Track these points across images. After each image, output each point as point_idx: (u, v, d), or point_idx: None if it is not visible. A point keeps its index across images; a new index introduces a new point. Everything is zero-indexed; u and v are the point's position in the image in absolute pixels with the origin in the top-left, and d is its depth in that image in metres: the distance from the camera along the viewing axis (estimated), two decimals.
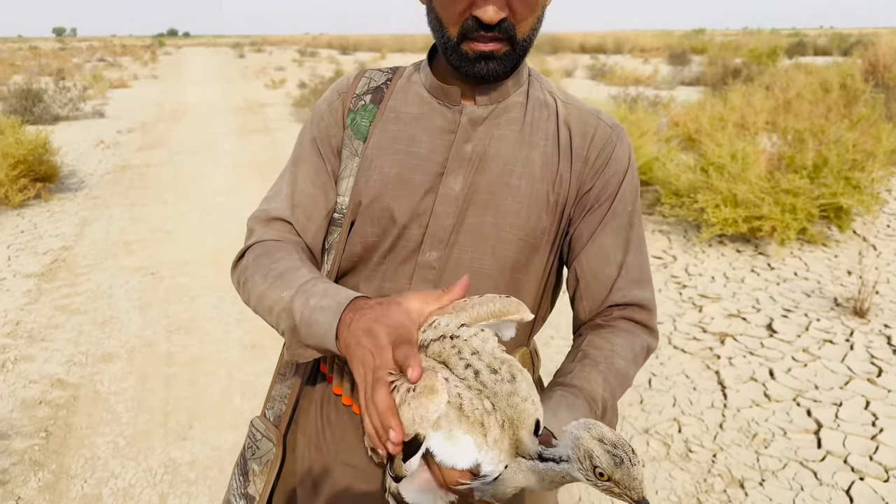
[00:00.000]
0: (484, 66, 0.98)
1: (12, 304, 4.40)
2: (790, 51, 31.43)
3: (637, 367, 1.05)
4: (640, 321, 1.07)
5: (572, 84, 20.60)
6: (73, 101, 13.72)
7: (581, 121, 1.09)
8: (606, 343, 1.03)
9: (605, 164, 1.07)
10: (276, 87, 20.30)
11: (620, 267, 1.07)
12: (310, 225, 1.10)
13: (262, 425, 1.16)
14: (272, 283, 0.99)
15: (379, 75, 1.15)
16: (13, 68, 27.85)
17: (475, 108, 1.06)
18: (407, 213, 1.04)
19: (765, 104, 8.43)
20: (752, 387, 3.38)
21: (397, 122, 1.08)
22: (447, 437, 0.78)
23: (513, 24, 0.96)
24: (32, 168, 6.98)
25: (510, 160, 1.05)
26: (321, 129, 1.13)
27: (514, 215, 1.03)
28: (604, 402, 0.96)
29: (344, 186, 1.09)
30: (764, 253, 5.27)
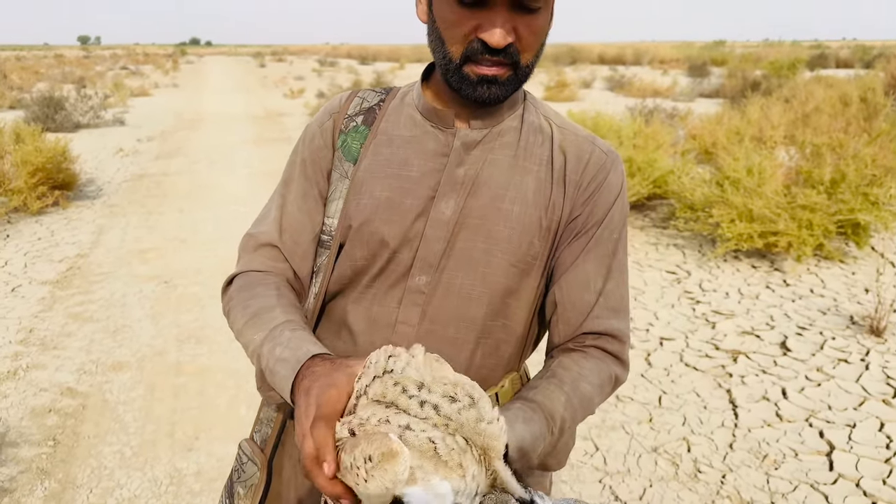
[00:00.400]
0: (486, 91, 0.97)
1: (27, 311, 4.45)
2: (811, 63, 31.21)
3: (602, 395, 1.04)
4: (611, 352, 1.05)
5: (590, 95, 20.58)
6: (94, 109, 13.90)
7: (576, 146, 1.08)
8: (575, 366, 1.01)
9: (596, 191, 1.06)
10: (295, 96, 20.46)
11: (599, 294, 1.05)
12: (297, 249, 1.10)
13: (249, 448, 1.16)
14: (248, 322, 1.01)
15: (372, 96, 1.14)
16: (37, 76, 28.32)
17: (469, 132, 1.05)
18: (397, 238, 1.03)
19: (783, 117, 8.36)
20: (763, 406, 3.33)
21: (389, 145, 1.07)
22: (425, 488, 0.75)
23: (518, 50, 0.95)
24: (51, 176, 7.08)
25: (503, 185, 1.04)
26: (312, 150, 1.12)
27: (505, 241, 1.02)
28: (562, 421, 0.95)
29: (333, 209, 1.08)
30: (780, 269, 5.21)
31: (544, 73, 29.28)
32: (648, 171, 6.17)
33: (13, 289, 4.84)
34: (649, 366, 3.74)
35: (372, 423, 0.77)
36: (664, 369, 3.69)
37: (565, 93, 19.64)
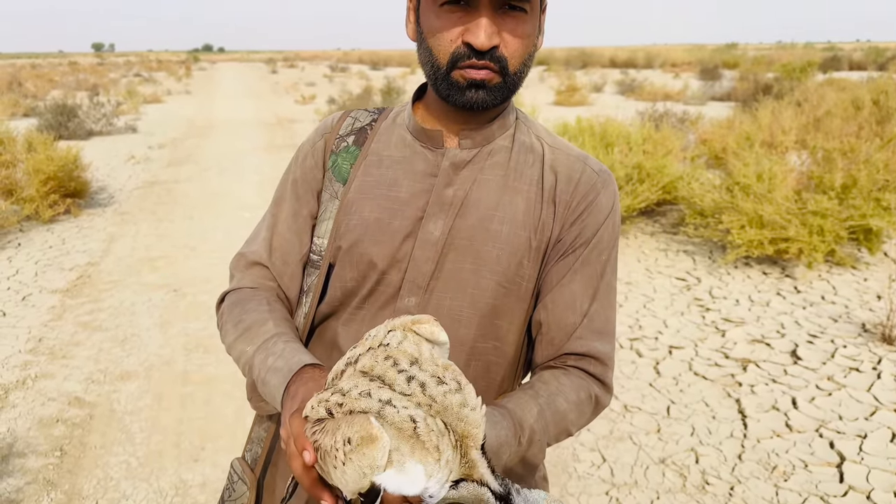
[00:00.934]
0: (474, 95, 0.97)
1: (36, 320, 4.47)
2: (824, 65, 31.00)
3: (580, 414, 1.02)
4: (593, 374, 1.04)
5: (601, 99, 20.53)
6: (107, 116, 14.01)
7: (567, 166, 1.07)
8: (554, 381, 1.01)
9: (585, 210, 1.05)
10: (307, 102, 20.53)
11: (584, 316, 1.04)
12: (286, 269, 1.11)
13: (240, 467, 1.16)
14: (240, 335, 1.03)
15: (364, 115, 1.15)
16: (51, 83, 28.58)
17: (458, 152, 1.05)
18: (386, 259, 1.03)
19: (794, 122, 8.30)
20: (773, 416, 3.29)
21: (379, 166, 1.08)
22: (399, 471, 0.75)
23: (504, 56, 0.96)
24: (63, 184, 7.13)
25: (492, 205, 1.03)
26: (303, 170, 1.13)
27: (493, 261, 1.02)
28: (531, 432, 0.94)
29: (323, 229, 1.09)
30: (791, 275, 5.16)
31: (555, 78, 29.24)
32: (658, 176, 6.14)
33: (24, 297, 4.87)
34: (658, 375, 3.71)
35: (353, 394, 0.76)
36: (673, 378, 3.66)
37: (576, 97, 19.60)
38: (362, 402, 0.75)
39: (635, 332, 4.25)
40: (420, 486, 0.74)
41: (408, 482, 0.74)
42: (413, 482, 0.74)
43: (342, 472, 0.76)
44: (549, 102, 19.32)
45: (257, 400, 1.03)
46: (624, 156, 6.19)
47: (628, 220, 6.21)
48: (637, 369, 3.77)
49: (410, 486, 0.74)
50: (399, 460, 0.74)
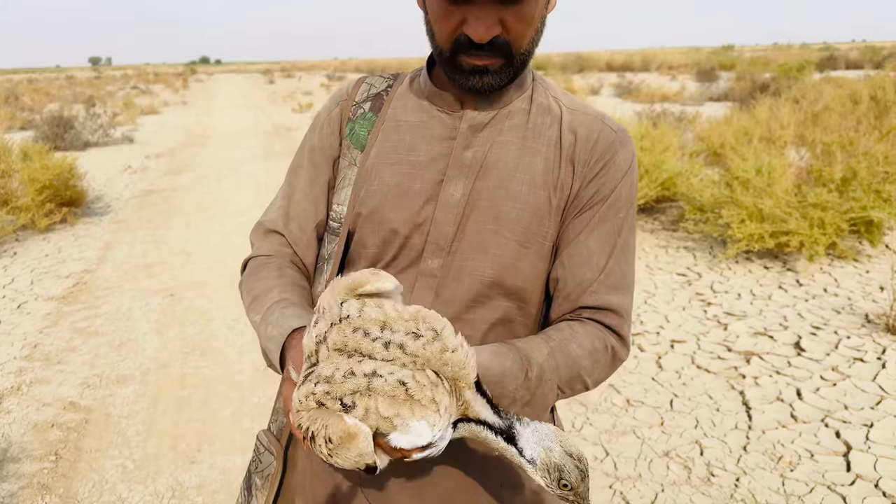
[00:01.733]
0: (479, 80, 0.97)
1: (32, 327, 4.43)
2: (821, 65, 31.05)
3: (595, 362, 1.00)
4: (608, 325, 1.02)
5: (598, 102, 20.52)
6: (104, 127, 14.00)
7: (586, 126, 1.06)
8: (568, 328, 1.01)
9: (604, 168, 1.04)
10: (304, 110, 20.55)
11: (601, 271, 1.03)
12: (302, 237, 1.12)
13: (266, 439, 1.16)
14: (251, 304, 1.06)
15: (380, 81, 1.14)
16: (48, 97, 28.61)
17: (476, 115, 1.04)
18: (408, 224, 1.03)
19: (792, 117, 8.27)
20: (778, 407, 3.24)
21: (397, 132, 1.07)
22: (405, 432, 0.77)
23: (507, 41, 0.94)
24: (59, 193, 7.10)
25: (511, 166, 1.03)
26: (320, 138, 1.13)
27: (514, 221, 1.01)
28: (541, 370, 0.94)
29: (342, 196, 1.09)
30: (792, 269, 5.12)
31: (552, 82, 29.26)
32: (656, 173, 6.10)
33: (19, 305, 4.83)
34: (660, 369, 3.66)
35: (337, 378, 0.77)
36: (675, 372, 3.62)
37: None
38: (349, 384, 0.77)
39: (636, 328, 4.20)
40: (427, 437, 0.78)
41: (417, 437, 0.78)
42: (421, 435, 0.78)
43: (335, 462, 0.79)
44: None
45: (270, 364, 1.03)
46: None
47: None
48: (639, 364, 3.72)
49: (420, 439, 0.78)
50: (402, 424, 0.77)
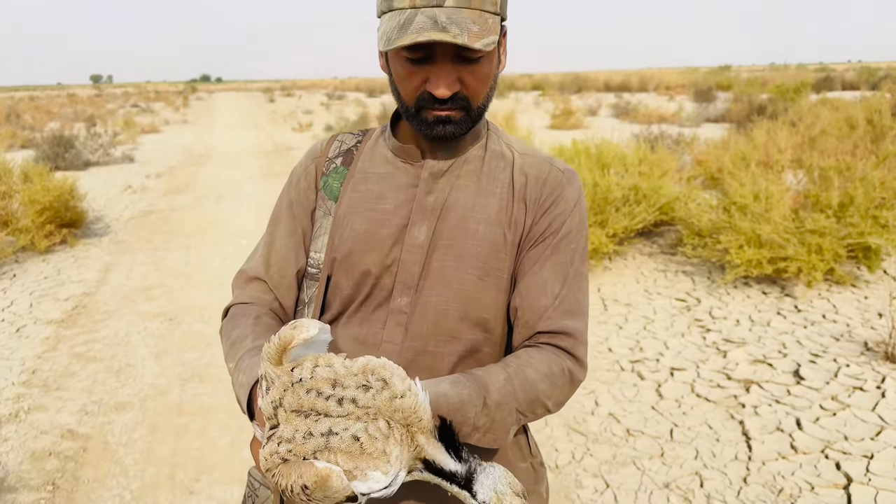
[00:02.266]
0: (442, 129, 1.08)
1: (30, 351, 4.42)
2: (817, 86, 31.23)
3: (552, 385, 1.07)
4: (563, 347, 1.10)
5: (596, 122, 20.63)
6: (104, 146, 14.05)
7: (536, 168, 1.17)
8: (525, 355, 1.08)
9: (553, 204, 1.15)
10: (304, 130, 20.62)
11: (555, 299, 1.11)
12: (282, 282, 1.21)
13: (259, 474, 1.23)
14: (228, 351, 1.14)
15: (350, 138, 1.26)
16: (50, 115, 28.72)
17: (436, 163, 1.16)
18: (378, 266, 1.13)
19: (789, 141, 8.31)
20: (778, 438, 3.24)
21: (365, 182, 1.18)
22: (363, 480, 0.86)
23: (466, 96, 1.06)
24: (59, 214, 7.11)
25: (468, 207, 1.13)
26: (297, 191, 1.24)
27: (473, 257, 1.11)
28: (499, 395, 1.01)
29: (319, 244, 1.19)
30: (790, 295, 5.13)
31: (550, 102, 29.41)
32: (654, 197, 6.13)
33: (18, 329, 4.83)
34: (660, 397, 3.66)
35: (298, 440, 0.86)
36: (675, 401, 3.61)
37: (571, 120, 19.70)
38: (309, 445, 0.85)
39: (636, 355, 4.20)
40: (383, 483, 0.86)
41: (374, 483, 0.86)
42: (378, 482, 0.86)
43: None
44: (545, 126, 19.42)
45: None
46: (620, 177, 6.19)
47: (626, 242, 6.19)
48: (639, 392, 3.72)
49: (377, 485, 0.86)
50: (360, 473, 0.85)
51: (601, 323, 4.74)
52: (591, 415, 3.49)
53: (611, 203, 5.86)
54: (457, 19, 0.98)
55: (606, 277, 5.71)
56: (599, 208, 5.85)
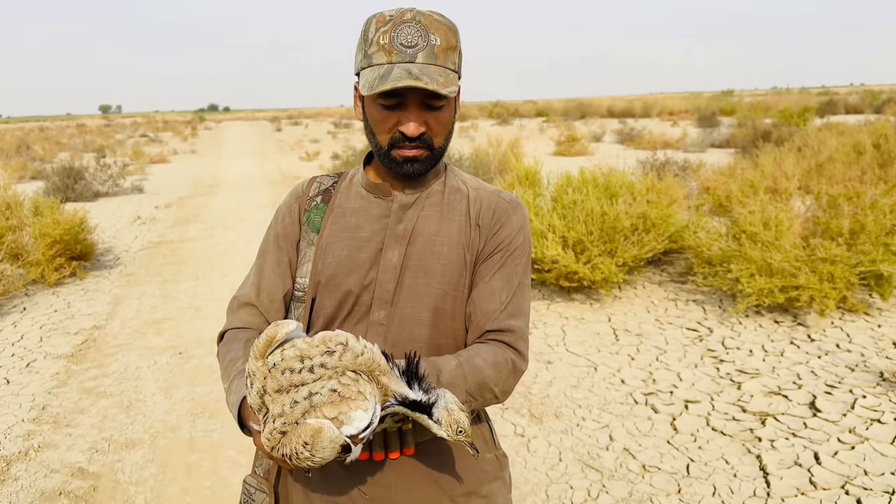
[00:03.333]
0: (410, 167, 1.29)
1: (40, 387, 4.41)
2: (821, 110, 31.32)
3: (497, 373, 1.27)
4: (506, 342, 1.31)
5: (601, 149, 20.71)
6: (113, 177, 14.15)
7: (487, 199, 1.39)
8: (474, 348, 1.30)
9: (500, 228, 1.36)
10: (311, 159, 20.76)
11: (503, 304, 1.33)
12: (272, 306, 1.39)
13: (254, 480, 1.39)
14: (222, 373, 1.31)
15: (327, 180, 1.47)
16: (59, 146, 28.99)
17: (404, 197, 1.37)
18: (358, 286, 1.32)
19: (797, 167, 8.32)
20: (796, 473, 3.19)
21: (343, 216, 1.38)
22: (349, 423, 1.03)
23: (430, 137, 1.27)
24: (69, 247, 7.14)
25: (434, 232, 1.34)
26: (283, 226, 1.43)
27: (439, 274, 1.32)
28: (450, 377, 1.22)
29: (304, 270, 1.38)
30: (803, 323, 5.09)
31: (555, 129, 29.54)
32: (663, 226, 6.12)
33: (28, 364, 4.82)
34: (675, 431, 3.62)
35: (287, 410, 1.02)
36: (691, 435, 3.57)
37: (576, 147, 19.78)
38: (297, 410, 1.02)
39: (650, 387, 4.16)
40: (367, 420, 1.04)
41: (359, 422, 1.03)
42: (362, 420, 1.04)
43: (320, 460, 1.02)
44: (550, 153, 19.50)
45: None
46: (628, 206, 6.19)
47: (635, 270, 6.17)
48: (654, 426, 3.68)
49: (362, 423, 1.04)
50: (346, 417, 1.02)
51: (613, 354, 4.71)
52: (605, 450, 3.45)
53: (619, 232, 5.85)
54: (426, 72, 1.20)
55: (617, 307, 5.68)
56: (608, 237, 5.84)
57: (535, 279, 5.91)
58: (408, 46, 1.21)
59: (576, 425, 3.72)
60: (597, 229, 5.80)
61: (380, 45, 1.22)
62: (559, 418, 3.81)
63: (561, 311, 5.65)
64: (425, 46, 1.22)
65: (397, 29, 1.22)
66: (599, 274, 5.64)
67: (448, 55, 1.25)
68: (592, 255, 5.69)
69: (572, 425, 3.72)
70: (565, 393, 4.12)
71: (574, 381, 4.29)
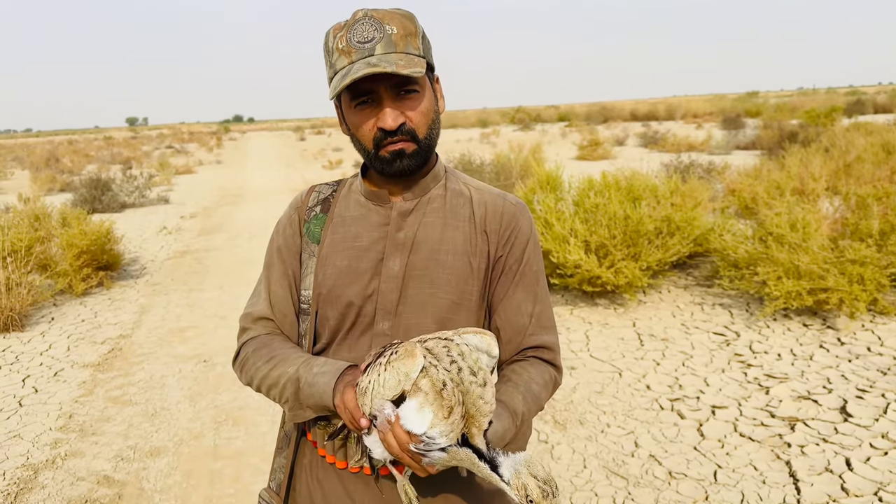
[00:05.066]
0: (400, 164, 1.25)
1: (67, 395, 4.46)
2: (849, 110, 30.83)
3: (547, 392, 1.31)
4: (547, 359, 1.33)
5: (624, 152, 20.58)
6: (140, 188, 14.35)
7: (491, 202, 1.36)
8: (524, 372, 1.29)
9: (511, 235, 1.34)
10: (334, 167, 20.89)
11: (531, 316, 1.33)
12: (286, 320, 1.37)
13: (267, 495, 1.40)
14: (276, 364, 1.27)
15: (326, 188, 1.43)
16: (87, 158, 29.48)
17: (403, 203, 1.33)
18: (360, 296, 1.29)
19: (824, 168, 8.17)
20: (827, 479, 3.11)
21: (343, 225, 1.35)
22: (417, 409, 1.02)
23: (412, 128, 1.24)
24: (96, 257, 7.24)
25: (437, 240, 1.31)
26: (284, 238, 1.40)
27: (445, 284, 1.28)
28: (523, 415, 1.22)
29: (307, 282, 1.35)
30: (832, 326, 4.99)
31: (577, 133, 29.42)
32: (688, 229, 6.04)
33: (55, 373, 4.88)
34: (702, 437, 3.56)
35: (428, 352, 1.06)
36: (718, 441, 3.51)
37: (599, 151, 19.67)
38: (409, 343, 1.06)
39: (675, 392, 4.10)
40: (424, 427, 1.01)
41: (418, 420, 1.02)
42: (421, 423, 1.01)
43: (383, 379, 1.04)
44: (572, 157, 19.41)
45: (297, 408, 1.24)
46: (652, 209, 6.12)
47: (660, 274, 6.10)
48: (680, 432, 3.62)
49: (418, 425, 1.02)
50: (422, 401, 1.02)
51: (638, 359, 4.65)
52: (630, 456, 3.40)
53: (643, 236, 5.79)
54: (385, 59, 1.18)
55: (641, 311, 5.62)
56: (632, 241, 5.78)
57: (558, 284, 5.86)
58: (364, 42, 1.20)
59: (600, 432, 3.67)
60: (620, 233, 5.74)
61: (339, 50, 1.22)
62: (583, 425, 3.77)
63: (584, 316, 5.60)
64: (382, 38, 1.21)
65: (352, 30, 1.22)
66: (623, 278, 5.58)
67: (409, 41, 1.23)
68: (616, 259, 5.63)
69: (597, 432, 3.68)
70: (589, 399, 4.08)
71: (598, 386, 4.25)
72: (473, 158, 12.45)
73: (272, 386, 1.27)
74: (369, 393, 1.06)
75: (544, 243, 5.79)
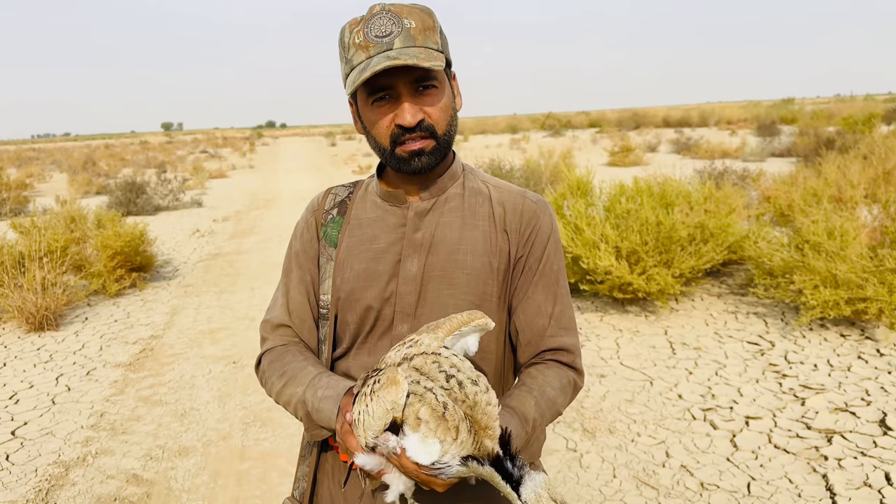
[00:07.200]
0: (418, 162, 1.22)
1: (99, 394, 4.52)
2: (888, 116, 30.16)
3: (565, 397, 1.26)
4: (566, 362, 1.29)
5: (656, 158, 20.36)
6: (174, 192, 14.55)
7: (511, 200, 1.33)
8: (540, 375, 1.25)
9: (532, 233, 1.30)
10: (363, 172, 21.00)
11: (550, 318, 1.29)
12: (304, 326, 1.35)
13: (290, 503, 1.38)
14: (287, 382, 1.26)
15: (342, 190, 1.41)
16: (123, 162, 30.03)
17: (420, 203, 1.31)
18: (378, 299, 1.27)
19: (862, 175, 7.99)
20: (866, 494, 3.02)
21: (360, 227, 1.33)
22: (421, 441, 0.97)
23: (430, 124, 1.21)
24: (129, 258, 7.34)
25: (456, 240, 1.28)
26: (302, 243, 1.38)
27: (465, 285, 1.26)
28: (534, 421, 1.18)
29: (326, 286, 1.33)
30: (871, 337, 4.86)
31: (608, 139, 29.21)
32: (722, 236, 5.93)
33: (88, 372, 4.95)
34: (735, 448, 3.47)
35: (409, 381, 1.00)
36: (752, 452, 3.42)
37: (630, 157, 19.49)
38: (414, 387, 0.99)
39: (708, 402, 4.02)
40: (432, 458, 0.97)
41: (424, 453, 0.97)
42: (428, 454, 0.97)
43: (371, 410, 1.00)
44: (603, 164, 19.26)
45: (313, 428, 1.23)
46: (685, 215, 6.03)
47: (693, 282, 6.00)
48: (712, 442, 3.54)
49: (425, 456, 0.97)
50: (425, 432, 0.97)
51: (669, 368, 4.57)
52: (661, 466, 3.33)
53: (676, 242, 5.70)
54: (404, 52, 1.16)
55: (673, 319, 5.53)
56: (664, 247, 5.69)
57: (588, 290, 5.80)
58: (383, 36, 1.18)
59: (630, 441, 3.61)
60: (652, 239, 5.66)
61: (356, 45, 1.19)
62: (613, 433, 3.71)
63: (615, 324, 5.53)
64: (400, 32, 1.18)
65: (369, 24, 1.19)
66: (655, 285, 5.49)
67: (427, 35, 1.20)
68: (647, 265, 5.56)
69: (627, 441, 3.61)
70: (619, 407, 4.01)
71: (629, 395, 4.18)
72: (503, 164, 12.41)
73: (286, 404, 1.27)
74: (360, 425, 1.03)
75: (574, 249, 5.74)
